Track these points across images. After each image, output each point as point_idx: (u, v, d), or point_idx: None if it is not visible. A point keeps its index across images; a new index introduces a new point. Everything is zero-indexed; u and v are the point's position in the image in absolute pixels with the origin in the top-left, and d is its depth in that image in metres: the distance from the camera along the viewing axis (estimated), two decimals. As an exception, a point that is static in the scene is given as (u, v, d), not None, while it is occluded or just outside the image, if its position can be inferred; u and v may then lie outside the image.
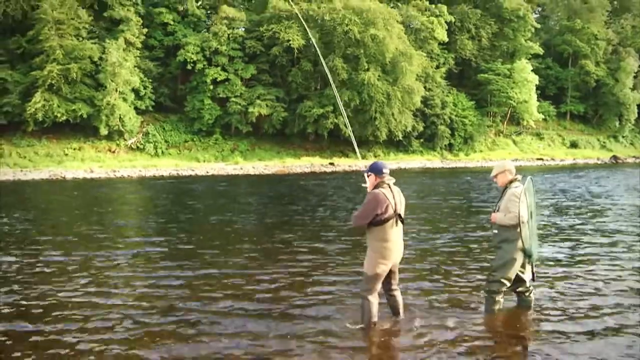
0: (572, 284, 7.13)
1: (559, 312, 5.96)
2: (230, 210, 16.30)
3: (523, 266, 5.64)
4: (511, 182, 5.67)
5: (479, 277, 7.40)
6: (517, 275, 5.63)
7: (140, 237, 11.77)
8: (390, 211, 5.20)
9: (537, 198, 17.93)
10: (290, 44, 44.54)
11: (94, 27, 42.48)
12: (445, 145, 52.70)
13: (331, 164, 43.88)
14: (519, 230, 5.44)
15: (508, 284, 5.61)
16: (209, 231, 12.38)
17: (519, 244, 5.48)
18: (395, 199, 5.27)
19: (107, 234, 11.90)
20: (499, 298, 5.67)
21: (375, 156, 47.02)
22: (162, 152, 43.59)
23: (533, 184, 5.66)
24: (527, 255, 5.54)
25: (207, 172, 38.00)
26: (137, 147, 43.06)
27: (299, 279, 7.58)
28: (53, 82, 38.29)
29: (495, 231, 5.67)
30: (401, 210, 5.33)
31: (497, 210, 5.67)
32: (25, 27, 40.30)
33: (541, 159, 54.19)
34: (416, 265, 8.20)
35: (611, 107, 64.54)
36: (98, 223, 13.65)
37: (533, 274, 5.64)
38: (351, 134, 7.05)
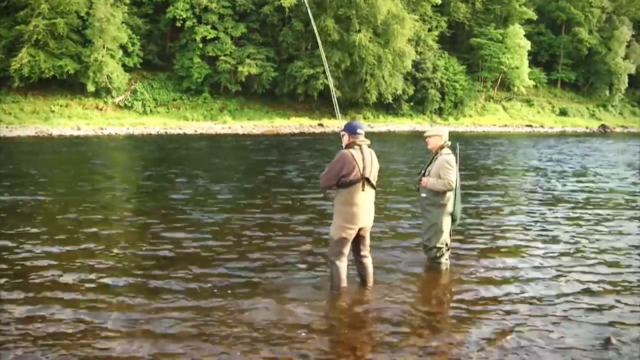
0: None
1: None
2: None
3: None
4: (442, 147, 5.89)
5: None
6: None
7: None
8: (357, 173, 5.07)
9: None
10: (281, 3, 43.84)
11: (80, -20, 41.41)
12: (435, 109, 52.63)
13: (320, 125, 43.82)
14: (448, 195, 5.73)
15: (446, 247, 5.92)
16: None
17: (448, 208, 5.77)
18: (364, 161, 5.10)
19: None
20: (444, 260, 5.96)
21: (365, 118, 47.04)
22: (150, 110, 43.24)
23: (459, 151, 5.89)
24: (453, 219, 5.85)
25: (196, 131, 37.87)
26: (125, 104, 42.65)
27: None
28: (39, 37, 37.39)
29: (424, 195, 5.89)
30: (371, 174, 5.18)
31: (427, 175, 5.84)
32: (9, -21, 39.30)
33: (530, 126, 54.41)
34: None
35: (602, 76, 64.35)
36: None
37: (450, 234, 5.96)
38: (334, 96, 6.69)
